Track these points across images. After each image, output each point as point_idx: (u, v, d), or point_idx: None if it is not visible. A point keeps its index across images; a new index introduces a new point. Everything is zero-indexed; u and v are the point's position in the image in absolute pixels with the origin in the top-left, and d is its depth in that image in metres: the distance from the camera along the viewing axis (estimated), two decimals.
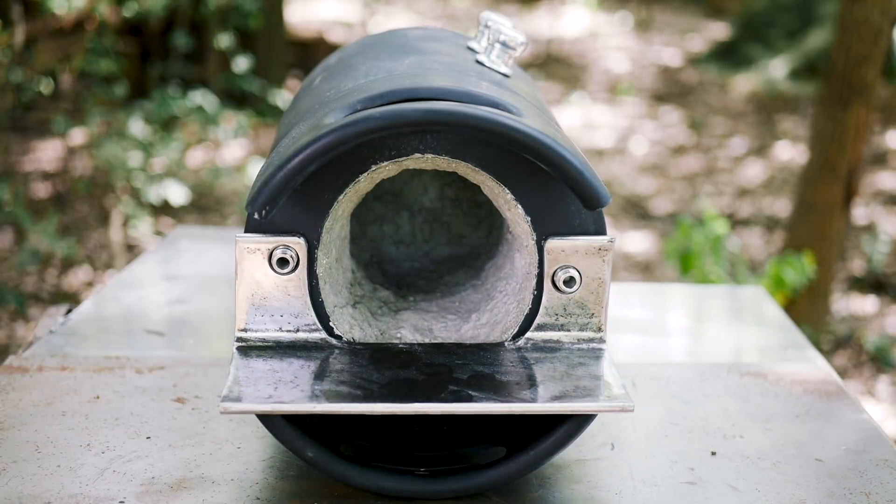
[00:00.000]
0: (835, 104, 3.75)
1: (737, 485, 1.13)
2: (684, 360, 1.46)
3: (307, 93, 1.30)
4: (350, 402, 0.99)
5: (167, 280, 1.76)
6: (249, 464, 1.14)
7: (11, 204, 4.04)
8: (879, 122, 6.42)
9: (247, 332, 1.09)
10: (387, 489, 1.06)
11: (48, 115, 5.27)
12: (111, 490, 1.07)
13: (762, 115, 6.93)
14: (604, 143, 6.36)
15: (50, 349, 1.42)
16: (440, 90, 1.07)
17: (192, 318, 1.59)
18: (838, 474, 1.16)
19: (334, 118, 1.05)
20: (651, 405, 1.31)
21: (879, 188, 5.65)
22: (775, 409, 1.31)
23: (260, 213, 1.05)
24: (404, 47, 1.28)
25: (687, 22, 9.41)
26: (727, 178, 5.86)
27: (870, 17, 3.57)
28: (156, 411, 1.25)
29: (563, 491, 1.11)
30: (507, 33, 1.23)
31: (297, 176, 1.03)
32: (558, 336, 1.11)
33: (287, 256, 1.06)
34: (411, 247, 1.44)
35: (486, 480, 1.06)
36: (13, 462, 1.11)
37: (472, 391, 1.01)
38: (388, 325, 1.20)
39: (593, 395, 1.02)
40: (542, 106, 1.26)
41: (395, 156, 1.06)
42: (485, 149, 1.06)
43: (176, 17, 5.49)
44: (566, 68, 8.06)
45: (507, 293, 1.16)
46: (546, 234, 1.09)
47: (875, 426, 1.28)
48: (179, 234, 2.09)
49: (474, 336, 1.16)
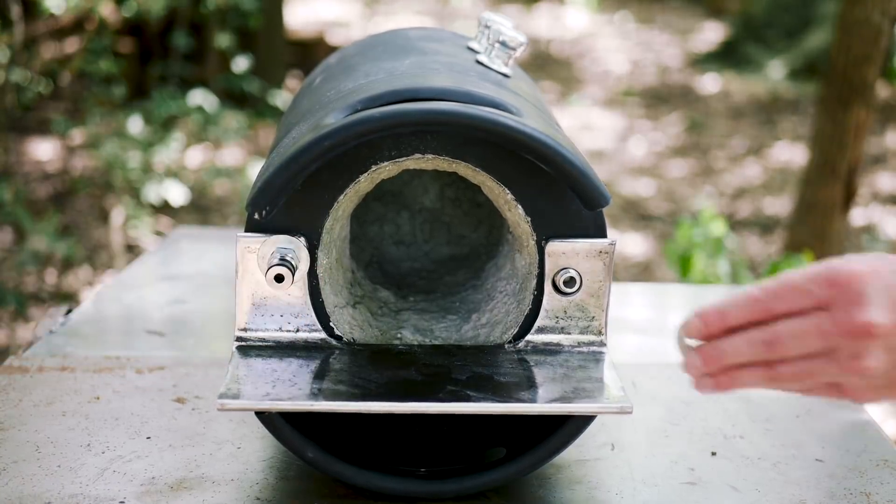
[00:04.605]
0: (835, 104, 3.74)
1: (737, 485, 1.13)
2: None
3: (307, 93, 1.30)
4: (348, 401, 0.99)
5: (167, 280, 1.76)
6: (249, 464, 1.14)
7: (11, 204, 4.04)
8: (879, 122, 6.42)
9: (247, 331, 1.09)
10: (387, 489, 1.06)
11: (48, 115, 5.27)
12: (111, 490, 1.07)
13: (762, 116, 6.93)
14: (603, 144, 6.36)
15: (50, 349, 1.42)
16: (441, 90, 1.07)
17: (192, 318, 1.59)
18: (838, 474, 1.16)
19: (335, 118, 1.05)
20: (651, 405, 1.31)
21: (879, 188, 5.65)
22: (775, 410, 1.31)
23: (260, 213, 1.06)
24: (404, 48, 1.28)
25: (687, 22, 9.41)
26: (727, 179, 5.86)
27: (870, 17, 3.57)
28: (156, 411, 1.25)
29: (563, 491, 1.11)
30: (507, 33, 1.23)
31: (298, 176, 1.04)
32: (559, 339, 1.11)
33: (283, 273, 1.05)
34: (411, 247, 1.44)
35: (486, 481, 1.06)
36: (13, 462, 1.11)
37: (470, 391, 1.01)
38: (388, 325, 1.20)
39: (592, 396, 1.02)
40: (543, 106, 1.26)
41: (395, 156, 1.06)
42: (485, 149, 1.06)
43: (176, 17, 5.49)
44: (566, 69, 8.06)
45: (508, 293, 1.16)
46: (546, 234, 1.09)
47: (875, 426, 1.28)
48: (179, 234, 2.09)
49: (474, 336, 1.16)
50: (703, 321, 0.91)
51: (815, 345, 0.87)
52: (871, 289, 0.85)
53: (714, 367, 0.91)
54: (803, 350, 0.87)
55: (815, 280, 0.87)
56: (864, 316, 0.84)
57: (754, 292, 0.89)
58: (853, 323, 0.85)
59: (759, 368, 0.90)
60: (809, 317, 0.87)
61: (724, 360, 0.90)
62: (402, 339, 1.17)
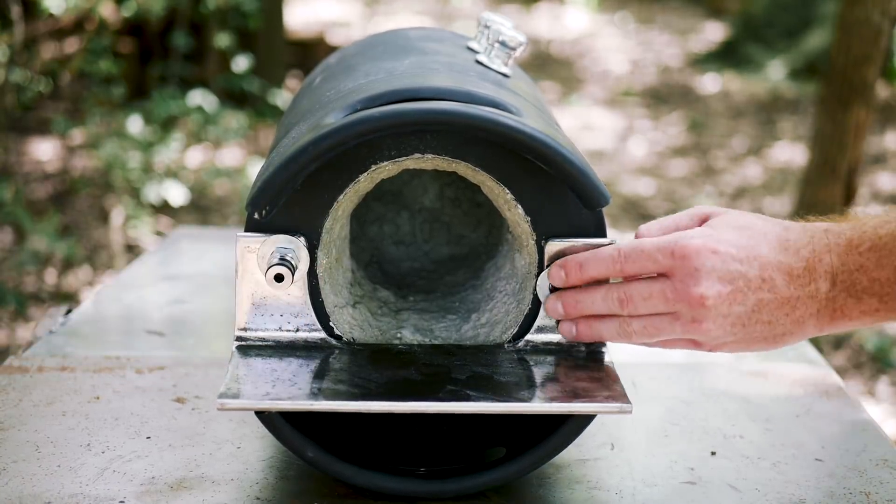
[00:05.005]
0: (835, 104, 3.75)
1: (737, 485, 1.13)
2: (684, 360, 1.46)
3: (307, 93, 1.30)
4: (348, 401, 0.99)
5: (167, 280, 1.76)
6: (249, 464, 1.14)
7: (11, 204, 4.04)
8: (879, 122, 6.42)
9: (247, 331, 1.09)
10: (387, 489, 1.06)
11: (48, 115, 5.27)
12: (111, 490, 1.07)
13: (762, 116, 6.93)
14: (603, 144, 6.36)
15: (50, 349, 1.42)
16: (440, 90, 1.07)
17: (192, 318, 1.59)
18: (838, 474, 1.16)
19: (334, 118, 1.05)
20: (651, 405, 1.31)
21: (879, 188, 5.65)
22: (775, 409, 1.32)
23: (260, 212, 1.06)
24: (404, 47, 1.28)
25: (687, 22, 9.41)
26: (727, 179, 5.86)
27: (870, 17, 3.57)
28: (156, 411, 1.25)
29: (563, 491, 1.11)
30: (507, 33, 1.24)
31: (298, 176, 1.04)
32: (558, 338, 1.11)
33: (283, 272, 1.05)
34: (411, 247, 1.44)
35: (486, 480, 1.06)
36: (13, 462, 1.11)
37: (469, 391, 1.01)
38: (388, 324, 1.20)
39: (592, 396, 1.02)
40: (543, 106, 1.26)
41: (395, 156, 1.06)
42: (485, 149, 1.06)
43: (176, 17, 5.49)
44: (566, 69, 8.06)
45: (508, 293, 1.16)
46: (546, 234, 1.09)
47: (875, 426, 1.28)
48: (179, 234, 2.09)
49: (474, 336, 1.16)
50: (565, 270, 1.05)
51: (660, 307, 1.01)
52: (707, 263, 0.98)
53: (573, 314, 1.06)
54: (651, 310, 1.01)
55: (662, 250, 1.00)
56: (698, 289, 0.98)
57: (612, 251, 1.03)
58: (688, 293, 0.98)
59: (614, 321, 1.04)
60: (657, 281, 1.00)
61: (581, 310, 1.05)
62: (402, 338, 1.17)
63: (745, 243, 0.99)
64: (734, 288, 0.98)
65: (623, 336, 1.05)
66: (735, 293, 0.98)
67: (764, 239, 1.00)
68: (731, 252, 0.98)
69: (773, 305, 0.99)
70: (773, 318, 1.00)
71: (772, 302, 0.99)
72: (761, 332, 1.01)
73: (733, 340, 1.01)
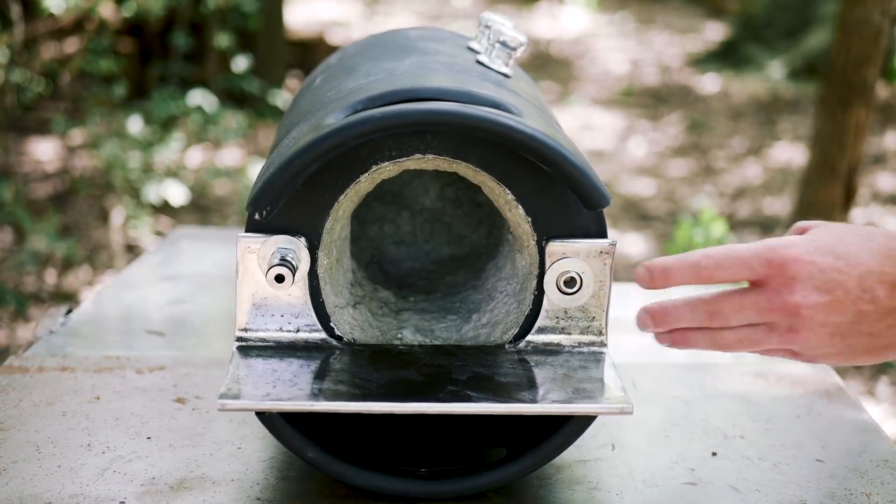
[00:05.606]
0: (835, 104, 3.75)
1: (737, 485, 1.13)
2: (684, 361, 1.46)
3: (308, 93, 1.30)
4: (349, 401, 0.99)
5: (167, 280, 1.76)
6: (250, 464, 1.14)
7: (11, 204, 4.04)
8: (879, 122, 6.42)
9: (247, 331, 1.09)
10: (387, 490, 1.06)
11: (48, 115, 5.27)
12: (111, 490, 1.07)
13: (762, 116, 6.93)
14: (603, 144, 6.36)
15: (50, 349, 1.42)
16: (441, 90, 1.07)
17: (192, 318, 1.59)
18: (839, 475, 1.16)
19: (335, 118, 1.05)
20: (651, 405, 1.31)
21: (879, 188, 5.65)
22: (776, 410, 1.32)
23: (261, 213, 1.06)
24: (405, 48, 1.28)
25: (687, 22, 9.41)
26: (727, 179, 5.86)
27: (870, 17, 3.57)
28: (156, 411, 1.25)
29: (563, 491, 1.11)
30: (507, 33, 1.23)
31: (298, 176, 1.04)
32: (559, 339, 1.11)
33: (283, 273, 1.05)
34: (412, 247, 1.44)
35: (486, 481, 1.06)
36: (13, 462, 1.11)
37: (470, 392, 1.01)
38: (388, 325, 1.20)
39: (593, 396, 1.02)
40: (543, 106, 1.26)
41: (395, 156, 1.06)
42: (485, 149, 1.06)
43: (176, 17, 5.49)
44: (566, 69, 8.06)
45: (508, 293, 1.16)
46: (547, 234, 1.09)
47: (875, 426, 1.28)
48: (179, 234, 2.09)
49: (475, 336, 1.16)
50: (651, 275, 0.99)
51: (754, 318, 0.96)
52: (803, 274, 0.94)
53: (661, 327, 1.00)
54: (744, 321, 0.97)
55: (757, 257, 0.95)
56: (793, 298, 0.94)
57: (699, 258, 0.97)
58: (783, 302, 0.94)
59: (707, 333, 0.99)
60: (749, 293, 0.96)
61: (670, 324, 0.99)
62: (403, 339, 1.17)
63: (846, 251, 0.94)
64: (832, 298, 0.93)
65: (719, 347, 0.99)
66: (833, 303, 0.93)
67: (866, 247, 0.95)
68: (828, 261, 0.94)
69: (874, 317, 0.94)
70: (876, 329, 0.94)
71: (873, 313, 0.94)
72: (863, 345, 0.95)
73: (833, 352, 0.96)
